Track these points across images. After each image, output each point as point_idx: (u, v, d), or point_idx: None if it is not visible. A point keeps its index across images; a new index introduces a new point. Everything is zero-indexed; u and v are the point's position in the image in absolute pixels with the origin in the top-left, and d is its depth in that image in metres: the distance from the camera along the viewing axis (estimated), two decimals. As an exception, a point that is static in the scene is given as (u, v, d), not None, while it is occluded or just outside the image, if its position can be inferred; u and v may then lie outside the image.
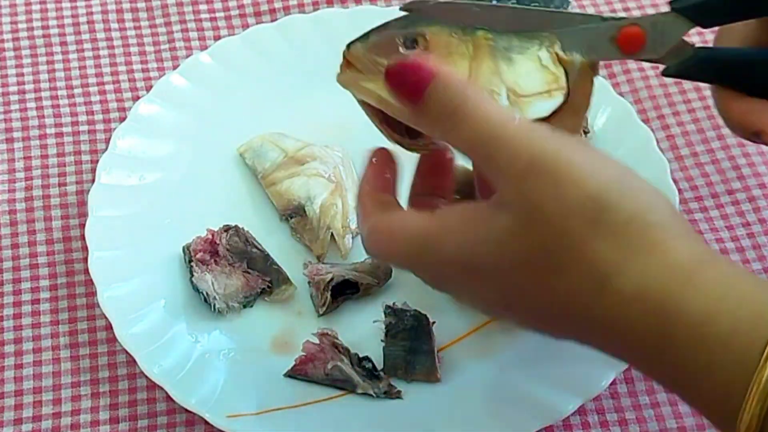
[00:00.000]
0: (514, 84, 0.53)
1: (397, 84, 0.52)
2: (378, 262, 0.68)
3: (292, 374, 0.65)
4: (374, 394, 0.64)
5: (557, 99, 0.54)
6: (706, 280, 0.46)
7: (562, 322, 0.49)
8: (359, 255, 0.71)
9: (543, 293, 0.48)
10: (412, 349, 0.65)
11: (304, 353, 0.65)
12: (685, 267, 0.46)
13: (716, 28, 0.58)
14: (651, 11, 0.55)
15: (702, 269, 0.46)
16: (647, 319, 0.46)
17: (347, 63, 0.55)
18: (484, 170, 0.50)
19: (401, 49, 0.54)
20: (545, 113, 0.53)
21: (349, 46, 0.55)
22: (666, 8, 0.55)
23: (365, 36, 0.55)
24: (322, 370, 0.64)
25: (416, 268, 0.53)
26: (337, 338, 0.66)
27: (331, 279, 0.67)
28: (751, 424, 0.44)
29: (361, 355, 0.65)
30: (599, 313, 0.47)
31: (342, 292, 0.68)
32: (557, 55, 0.54)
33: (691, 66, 0.55)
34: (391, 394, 0.64)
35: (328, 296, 0.67)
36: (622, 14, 0.79)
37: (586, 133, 0.74)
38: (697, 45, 0.55)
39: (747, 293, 0.46)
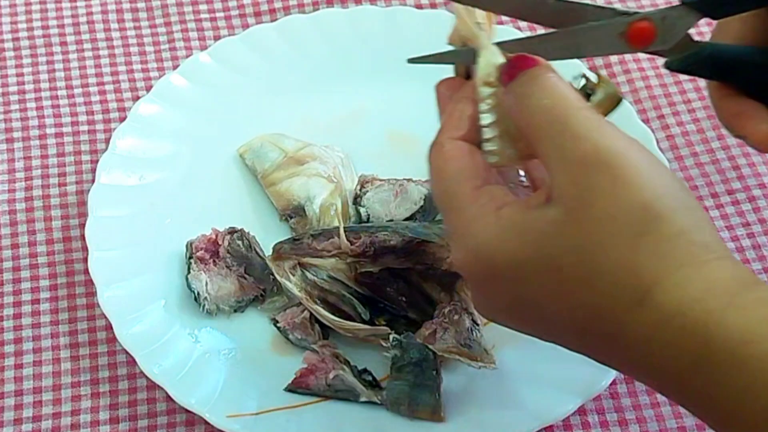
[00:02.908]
0: None
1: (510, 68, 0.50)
2: None
3: (292, 389, 0.64)
4: (379, 402, 0.64)
5: None
6: (749, 302, 0.44)
7: (584, 337, 0.47)
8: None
9: (568, 304, 0.46)
10: (416, 384, 0.63)
11: (305, 365, 0.65)
12: (729, 287, 0.45)
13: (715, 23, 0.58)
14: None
15: (745, 291, 0.45)
16: (686, 336, 0.44)
17: None
18: (544, 151, 0.47)
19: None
20: None
21: None
22: (676, 1, 0.54)
23: None
24: (324, 380, 0.64)
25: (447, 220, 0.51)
26: (337, 348, 0.65)
27: (310, 313, 0.66)
28: None
29: (359, 368, 0.65)
30: (633, 328, 0.45)
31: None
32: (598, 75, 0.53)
33: (694, 62, 0.55)
34: None
35: (318, 328, 0.66)
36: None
37: None
38: (703, 41, 0.55)
39: None
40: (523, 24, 0.84)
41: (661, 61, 0.82)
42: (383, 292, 0.65)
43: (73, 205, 0.75)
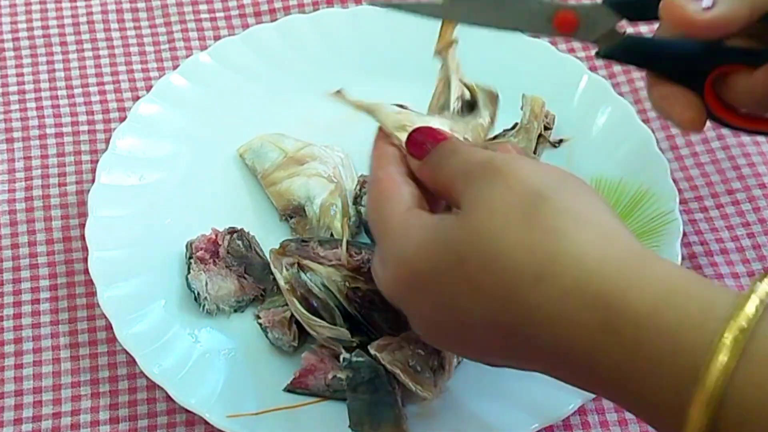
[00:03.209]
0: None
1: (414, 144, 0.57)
2: None
3: (291, 389, 0.64)
4: None
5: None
6: (652, 274, 0.45)
7: (498, 334, 0.48)
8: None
9: (477, 296, 0.48)
10: (373, 402, 0.62)
11: (304, 365, 0.64)
12: (628, 261, 0.45)
13: None
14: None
15: (645, 264, 0.45)
16: (587, 311, 0.44)
17: None
18: (457, 191, 0.52)
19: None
20: None
21: None
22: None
23: None
24: (323, 381, 0.64)
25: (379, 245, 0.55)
26: (335, 348, 0.65)
27: (292, 314, 0.65)
28: (698, 426, 0.42)
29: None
30: (537, 306, 0.46)
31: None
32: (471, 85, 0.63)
33: (619, 50, 0.59)
34: None
35: (296, 330, 0.66)
36: None
37: (548, 128, 0.75)
38: (629, 33, 0.60)
39: (693, 290, 0.44)
40: None
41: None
42: (370, 315, 0.64)
43: (73, 205, 0.75)
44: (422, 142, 0.56)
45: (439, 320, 0.51)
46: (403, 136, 0.57)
